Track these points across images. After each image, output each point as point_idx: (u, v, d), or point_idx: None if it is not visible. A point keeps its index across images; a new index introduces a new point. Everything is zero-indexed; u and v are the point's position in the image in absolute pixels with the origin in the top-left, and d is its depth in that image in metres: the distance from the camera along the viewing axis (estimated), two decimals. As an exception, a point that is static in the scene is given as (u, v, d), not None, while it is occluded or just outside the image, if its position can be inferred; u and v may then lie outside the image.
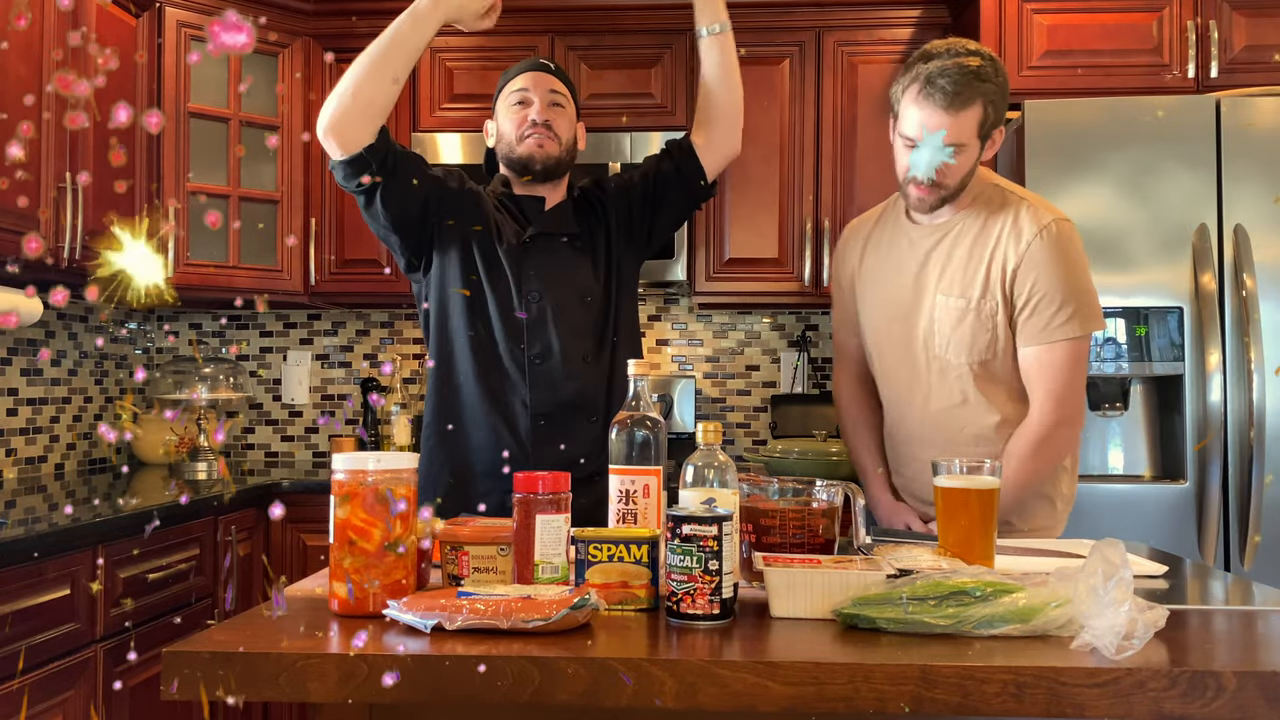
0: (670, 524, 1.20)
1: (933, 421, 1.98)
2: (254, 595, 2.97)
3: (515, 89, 2.05)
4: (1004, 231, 1.91)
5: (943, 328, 1.93)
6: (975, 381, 1.93)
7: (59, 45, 2.62)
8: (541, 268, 2.03)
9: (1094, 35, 3.00)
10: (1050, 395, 1.89)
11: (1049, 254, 1.87)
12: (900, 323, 1.99)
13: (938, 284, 1.95)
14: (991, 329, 1.90)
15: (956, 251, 1.94)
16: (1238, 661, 1.05)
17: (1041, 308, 1.87)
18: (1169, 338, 2.71)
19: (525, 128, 2.02)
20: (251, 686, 1.05)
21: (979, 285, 1.91)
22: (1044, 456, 1.91)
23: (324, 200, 3.45)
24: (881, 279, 2.04)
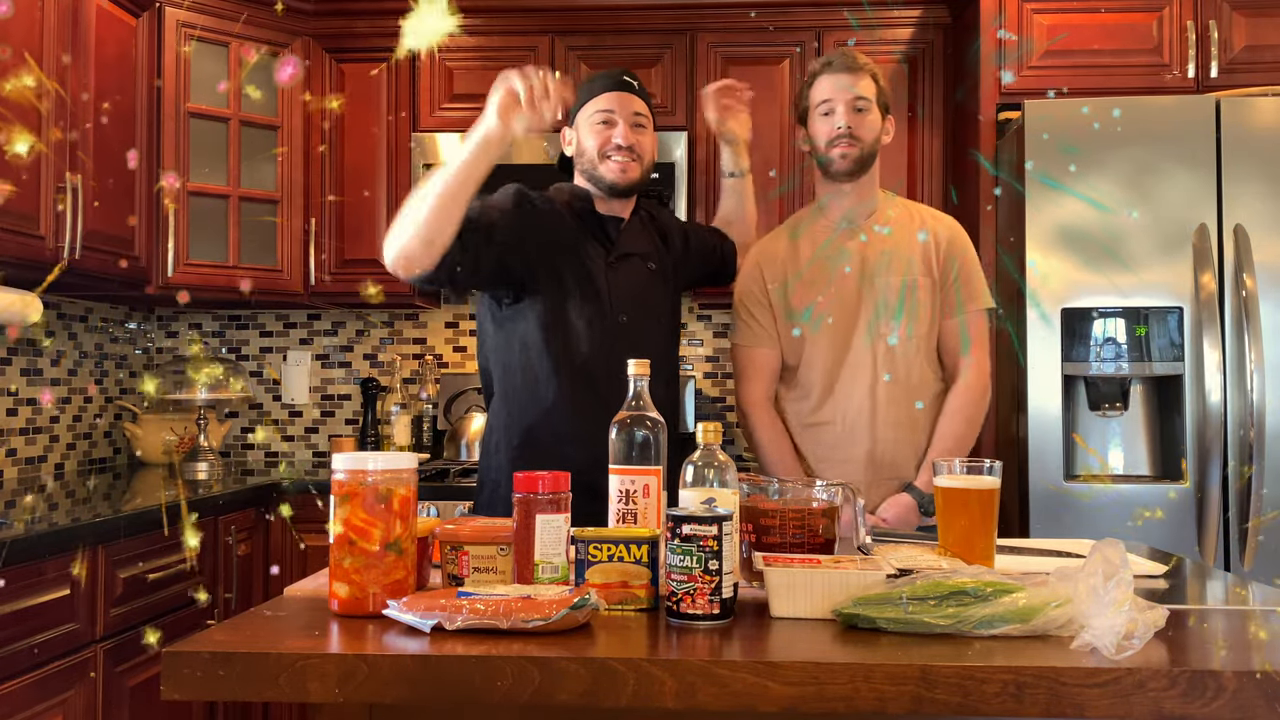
0: (670, 524, 1.20)
1: (885, 399, 2.14)
2: (254, 595, 2.97)
3: (600, 108, 2.08)
4: (924, 223, 2.21)
5: (888, 307, 2.15)
6: (919, 354, 2.16)
7: (59, 45, 2.62)
8: (627, 288, 2.09)
9: (1094, 35, 3.00)
10: (984, 354, 2.19)
11: (965, 242, 2.22)
12: (844, 310, 2.17)
13: (879, 269, 2.17)
14: (930, 303, 2.16)
15: (886, 242, 2.19)
16: (1238, 661, 1.05)
17: (967, 280, 2.18)
18: (1169, 338, 2.71)
19: (609, 149, 2.07)
20: (251, 686, 1.05)
21: (918, 263, 2.17)
22: (981, 408, 2.17)
23: (324, 200, 3.45)
24: (815, 280, 2.19)
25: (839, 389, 2.17)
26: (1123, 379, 2.75)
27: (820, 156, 2.18)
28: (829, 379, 2.18)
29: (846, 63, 2.15)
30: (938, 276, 2.17)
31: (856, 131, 2.13)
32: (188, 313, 3.83)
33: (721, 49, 3.39)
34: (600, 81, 2.12)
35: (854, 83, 2.13)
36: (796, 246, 2.25)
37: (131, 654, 2.34)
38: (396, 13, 3.46)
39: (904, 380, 2.15)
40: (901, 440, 2.15)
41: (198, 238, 3.24)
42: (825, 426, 2.19)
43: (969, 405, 2.16)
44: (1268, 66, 2.96)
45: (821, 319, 2.18)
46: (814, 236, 2.24)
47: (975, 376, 2.16)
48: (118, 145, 2.93)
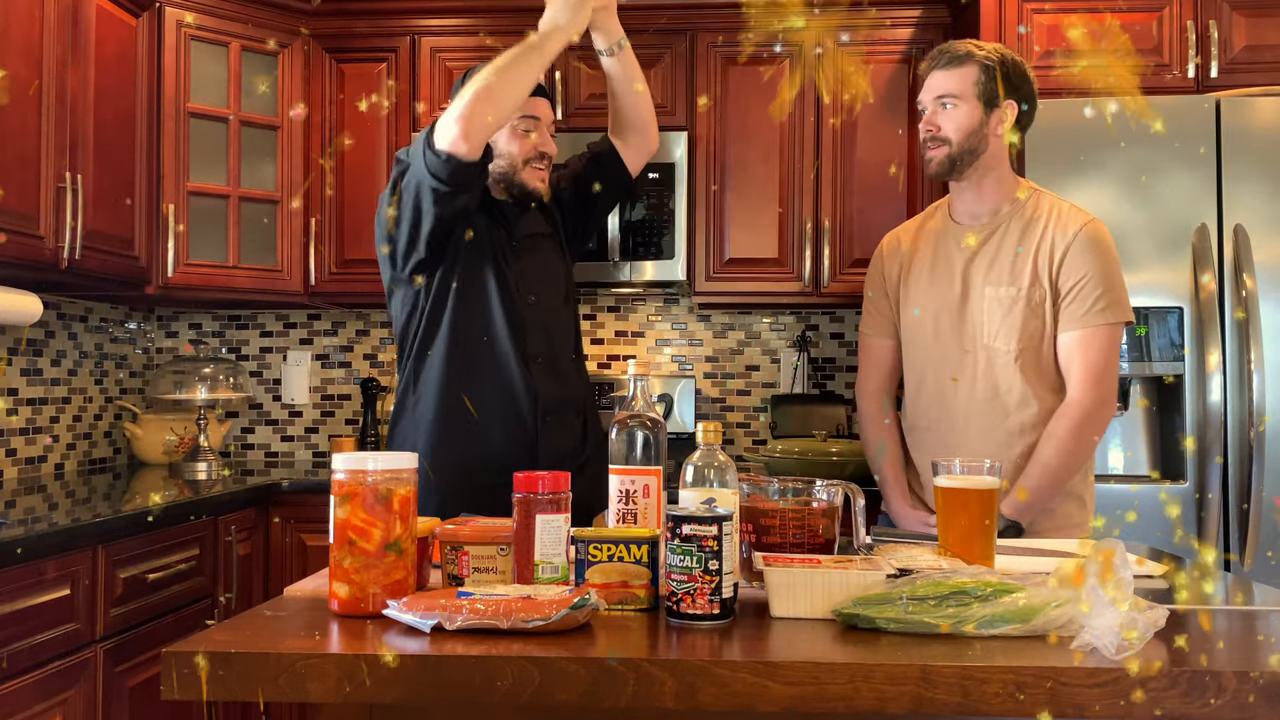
0: (670, 524, 1.20)
1: (977, 411, 2.05)
2: (254, 595, 2.97)
3: (525, 114, 2.08)
4: (1048, 227, 2.05)
5: (992, 317, 2.05)
6: (1020, 370, 2.03)
7: (59, 45, 2.62)
8: (531, 268, 2.13)
9: (1094, 35, 3.00)
10: (1091, 374, 2.01)
11: (1092, 246, 2.03)
12: (949, 315, 2.09)
13: (986, 277, 2.07)
14: (1040, 316, 2.03)
15: (1004, 246, 2.07)
16: (1238, 661, 1.05)
17: (1085, 294, 2.01)
18: (1169, 338, 2.71)
19: (533, 157, 2.09)
20: (251, 686, 1.05)
21: (1028, 275, 2.04)
22: (1084, 436, 2.01)
23: (324, 200, 3.45)
24: (930, 277, 2.14)
25: (934, 395, 2.11)
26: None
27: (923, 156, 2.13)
28: (925, 383, 2.13)
29: (945, 58, 2.07)
30: (1049, 288, 2.03)
31: (939, 132, 2.05)
32: (188, 313, 3.83)
33: (721, 49, 3.39)
34: None
35: (943, 80, 2.05)
36: (917, 239, 2.19)
37: (131, 654, 2.34)
38: (396, 13, 3.47)
39: (1004, 396, 2.04)
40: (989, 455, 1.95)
41: (198, 238, 3.24)
42: (921, 430, 2.15)
43: (1065, 430, 2.00)
44: (1268, 66, 2.96)
45: (926, 319, 2.12)
46: (937, 233, 2.17)
47: (1078, 397, 2.01)
48: (118, 145, 2.92)
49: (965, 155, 2.05)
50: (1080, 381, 2.01)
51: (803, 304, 3.51)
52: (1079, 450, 2.01)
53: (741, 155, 3.39)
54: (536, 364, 2.09)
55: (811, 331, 3.72)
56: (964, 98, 2.04)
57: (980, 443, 2.04)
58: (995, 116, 2.05)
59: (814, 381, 3.71)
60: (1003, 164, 2.09)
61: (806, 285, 3.35)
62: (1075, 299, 2.02)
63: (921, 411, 2.15)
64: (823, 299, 3.37)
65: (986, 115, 2.05)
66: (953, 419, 2.08)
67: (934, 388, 2.12)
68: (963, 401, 2.07)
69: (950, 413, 2.09)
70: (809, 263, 3.32)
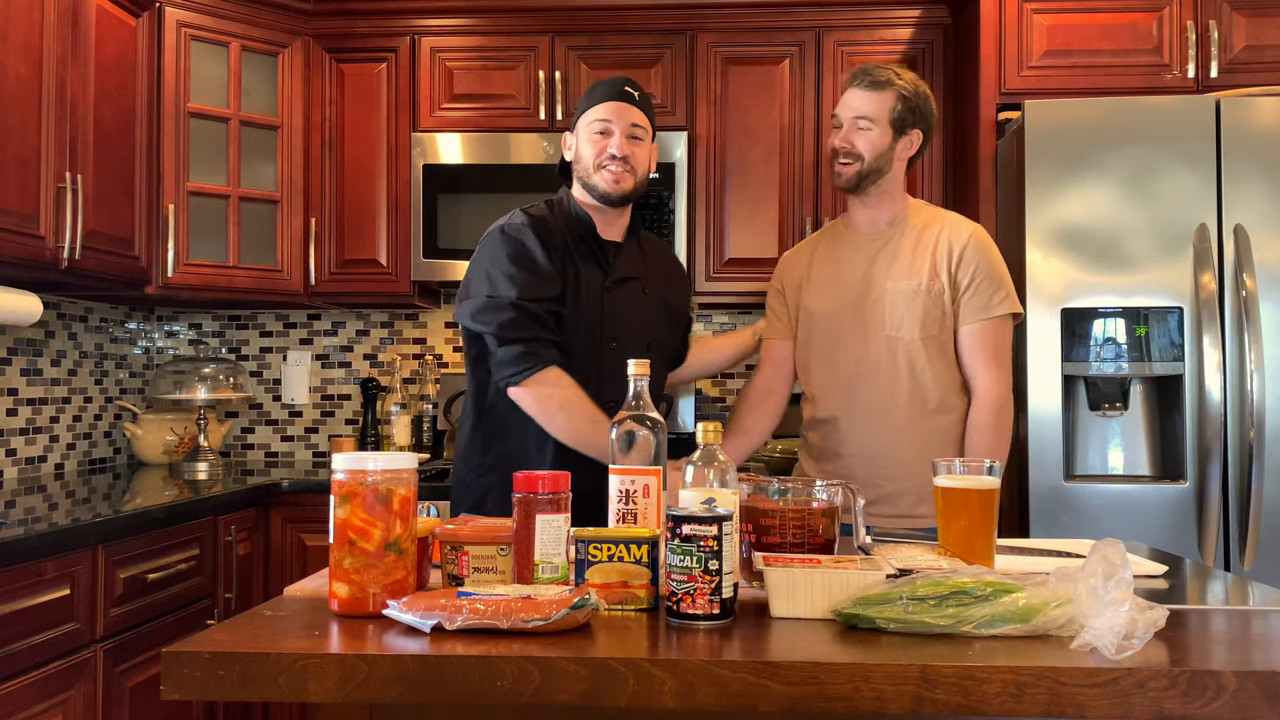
0: (670, 524, 1.20)
1: (884, 396, 2.17)
2: (254, 595, 2.97)
3: (598, 117, 2.09)
4: (943, 231, 2.22)
5: (895, 309, 2.18)
6: (923, 354, 2.16)
7: (59, 44, 2.62)
8: (622, 313, 2.11)
9: (1094, 35, 3.00)
10: (998, 364, 2.17)
11: (985, 248, 2.21)
12: (852, 310, 2.22)
13: (887, 275, 2.20)
14: (940, 306, 2.17)
15: (901, 248, 2.22)
16: (1238, 661, 1.05)
17: (983, 289, 2.17)
18: (1169, 338, 2.71)
19: (604, 158, 2.08)
20: (251, 686, 1.05)
21: (926, 270, 2.18)
22: (1003, 423, 2.17)
23: (324, 200, 3.45)
24: (832, 280, 2.27)
25: (844, 384, 2.21)
26: (1123, 379, 2.75)
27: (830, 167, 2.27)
28: (835, 375, 2.23)
29: (867, 80, 2.20)
30: (947, 282, 2.17)
31: (853, 149, 2.19)
32: (188, 313, 3.83)
33: (721, 49, 3.39)
34: (601, 90, 2.13)
35: (861, 101, 2.19)
36: (816, 251, 2.33)
37: (131, 654, 2.34)
38: (396, 13, 3.47)
39: (908, 379, 2.17)
40: (901, 443, 2.16)
41: (198, 238, 3.24)
42: (827, 424, 2.24)
43: (987, 419, 2.16)
44: (1268, 66, 2.96)
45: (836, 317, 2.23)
46: (832, 240, 2.32)
47: (987, 387, 2.16)
48: (118, 145, 2.92)
49: (872, 174, 2.20)
50: (989, 373, 2.16)
51: (803, 304, 3.51)
52: (1004, 434, 2.17)
53: (741, 155, 3.39)
54: (609, 408, 1.99)
55: (811, 331, 3.72)
56: (878, 121, 2.19)
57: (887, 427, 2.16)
58: (903, 143, 2.21)
59: (814, 381, 3.71)
60: (900, 184, 2.26)
61: (806, 285, 3.35)
62: (975, 293, 2.16)
63: (828, 404, 2.23)
64: (823, 299, 3.37)
65: (895, 140, 2.20)
66: (865, 406, 2.18)
67: (841, 380, 2.22)
68: (869, 389, 2.18)
69: (860, 401, 2.19)
70: (809, 263, 3.32)
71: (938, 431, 2.17)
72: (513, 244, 2.04)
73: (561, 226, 2.11)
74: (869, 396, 2.18)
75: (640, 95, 2.14)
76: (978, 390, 2.17)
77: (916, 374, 2.16)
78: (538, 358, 1.97)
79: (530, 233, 2.05)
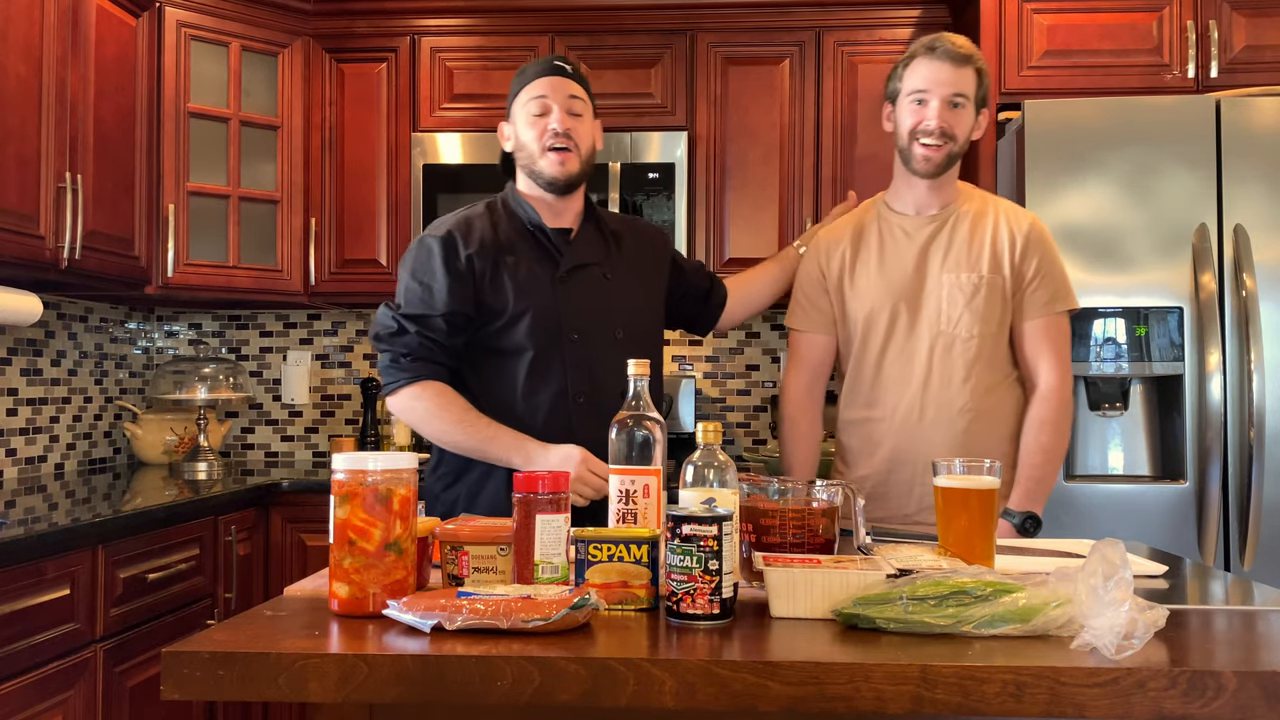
0: (670, 524, 1.20)
1: (935, 400, 2.04)
2: (254, 595, 2.97)
3: (533, 95, 1.99)
4: (1000, 218, 2.09)
5: (953, 304, 2.05)
6: (979, 357, 2.04)
7: (59, 44, 2.62)
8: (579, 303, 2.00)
9: (1094, 35, 3.00)
10: (1061, 360, 2.06)
11: (1047, 238, 2.10)
12: (906, 304, 2.08)
13: (943, 265, 2.07)
14: (1001, 301, 2.05)
15: (957, 236, 2.08)
16: (1238, 661, 1.05)
17: (1047, 282, 2.06)
18: (1169, 338, 2.71)
19: (547, 138, 1.98)
20: (251, 686, 1.05)
21: (987, 262, 2.05)
22: (1067, 417, 2.07)
23: (324, 200, 3.45)
24: (879, 269, 2.11)
25: (893, 384, 2.08)
26: (1123, 379, 2.75)
27: (903, 146, 2.07)
28: (883, 373, 2.09)
29: (952, 52, 2.01)
30: (1009, 275, 2.05)
31: (949, 129, 2.01)
32: (188, 313, 3.83)
33: (721, 49, 3.39)
34: (531, 70, 2.03)
35: (956, 76, 2.01)
36: (862, 233, 2.15)
37: (131, 654, 2.34)
38: (396, 13, 3.47)
39: (960, 381, 2.04)
40: (940, 444, 2.02)
41: (198, 238, 3.24)
42: (871, 421, 2.10)
43: (1053, 413, 2.04)
44: (1268, 66, 2.96)
45: (882, 311, 2.09)
46: (880, 225, 2.14)
47: (1051, 383, 2.04)
48: (118, 145, 2.92)
49: (956, 157, 2.07)
50: (1053, 367, 2.05)
51: (803, 304, 3.51)
52: (1066, 432, 2.07)
53: (741, 155, 3.39)
54: (579, 404, 1.96)
55: (811, 331, 3.71)
56: (970, 100, 2.04)
57: (936, 430, 2.03)
58: (977, 123, 2.09)
59: (814, 381, 3.71)
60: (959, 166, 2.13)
61: (806, 285, 3.35)
62: (1041, 286, 2.06)
63: (874, 403, 2.10)
64: (823, 299, 3.37)
65: (976, 119, 2.08)
66: (909, 408, 2.05)
67: (889, 379, 2.08)
68: (918, 390, 2.05)
69: (907, 402, 2.06)
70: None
71: (988, 435, 2.04)
72: (419, 255, 1.98)
73: (502, 224, 2.02)
74: (915, 397, 2.05)
75: (574, 69, 2.03)
76: (1041, 385, 2.04)
77: (970, 375, 2.03)
78: (406, 371, 1.93)
79: (440, 243, 1.96)
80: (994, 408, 2.06)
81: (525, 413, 1.95)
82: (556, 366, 1.97)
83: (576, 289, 2.01)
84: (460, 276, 1.95)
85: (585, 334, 1.99)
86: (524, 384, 1.97)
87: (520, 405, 1.96)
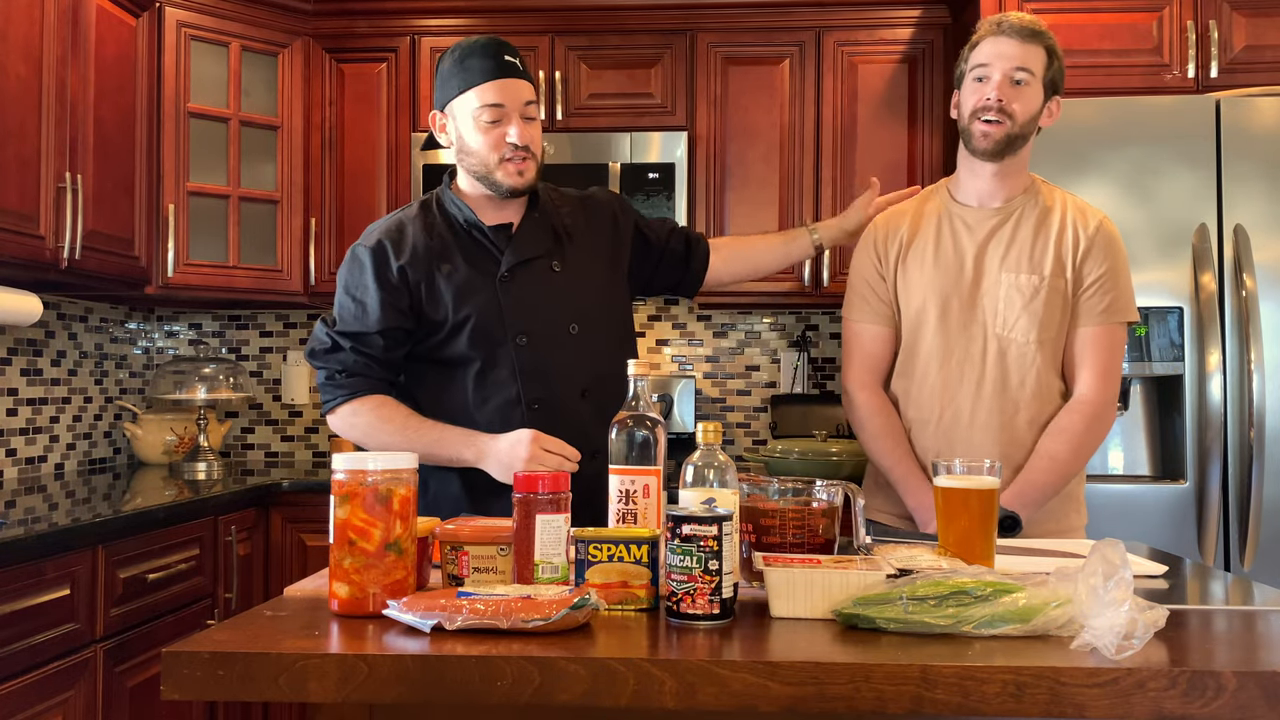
0: (670, 524, 1.20)
1: (985, 406, 1.95)
2: (254, 595, 2.97)
3: (487, 102, 1.85)
4: (1067, 216, 1.98)
5: (1010, 306, 1.94)
6: (1035, 362, 1.94)
7: (59, 44, 2.62)
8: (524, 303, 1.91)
9: (1094, 35, 3.00)
10: (1106, 372, 1.96)
11: (1113, 243, 1.97)
12: (960, 301, 1.97)
13: (1002, 264, 1.96)
14: (1063, 306, 1.95)
15: (1020, 232, 1.97)
16: (1238, 661, 1.05)
17: (1106, 289, 1.95)
18: (1169, 338, 2.71)
19: (505, 150, 1.87)
20: (251, 686, 1.05)
21: (1050, 263, 1.95)
22: (1095, 433, 1.95)
23: (324, 200, 3.45)
24: (935, 261, 2.00)
25: (941, 385, 1.98)
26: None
27: (964, 126, 1.96)
28: (932, 372, 1.99)
29: (1018, 27, 1.91)
30: (1071, 279, 1.94)
31: (1008, 105, 1.89)
32: (188, 313, 3.83)
33: (721, 49, 3.39)
34: (478, 64, 1.86)
35: (1020, 52, 1.90)
36: (921, 222, 2.04)
37: (131, 654, 2.34)
38: (396, 13, 3.47)
39: (1014, 389, 1.94)
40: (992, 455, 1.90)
41: (198, 238, 3.24)
42: (919, 425, 2.01)
43: (1077, 424, 1.92)
44: (1268, 66, 2.96)
45: (935, 305, 1.98)
46: (943, 214, 2.03)
47: (1092, 394, 1.94)
48: (118, 145, 2.92)
49: (1019, 139, 1.93)
50: (1095, 378, 1.95)
51: (802, 304, 3.51)
52: (1088, 447, 1.95)
53: (741, 155, 3.39)
54: (533, 410, 1.89)
55: (811, 331, 3.72)
56: (1036, 78, 1.92)
57: (985, 436, 1.94)
58: (1047, 108, 1.96)
59: (814, 381, 3.71)
60: (1028, 159, 2.01)
61: (806, 285, 3.35)
62: (1096, 294, 1.95)
63: (921, 404, 2.00)
64: (822, 298, 3.37)
65: (1044, 104, 1.95)
66: (957, 412, 1.96)
67: (937, 379, 1.98)
68: (969, 394, 1.96)
69: (954, 405, 1.97)
70: (809, 263, 3.32)
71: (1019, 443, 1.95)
72: (351, 268, 1.92)
73: (437, 226, 1.93)
74: (964, 403, 1.95)
75: (522, 64, 1.90)
76: (1077, 392, 1.94)
77: (1025, 381, 1.93)
78: (342, 388, 1.89)
79: (371, 255, 1.89)
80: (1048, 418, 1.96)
81: (476, 425, 1.88)
82: (506, 373, 1.89)
83: (521, 288, 1.91)
84: (393, 290, 1.88)
85: (535, 335, 1.90)
86: (473, 395, 1.91)
87: (471, 417, 1.90)
